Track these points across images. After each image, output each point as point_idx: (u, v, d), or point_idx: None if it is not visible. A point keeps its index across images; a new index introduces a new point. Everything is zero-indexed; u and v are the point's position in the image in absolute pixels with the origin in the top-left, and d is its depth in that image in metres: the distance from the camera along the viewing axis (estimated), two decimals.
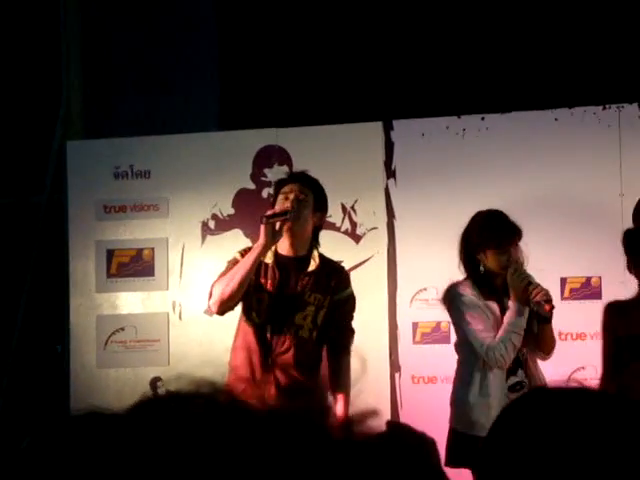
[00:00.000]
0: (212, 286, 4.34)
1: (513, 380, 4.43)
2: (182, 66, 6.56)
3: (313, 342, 4.41)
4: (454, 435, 4.44)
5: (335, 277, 4.45)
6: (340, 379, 4.45)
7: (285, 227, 4.31)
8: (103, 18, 6.68)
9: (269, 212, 4.37)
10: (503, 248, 4.38)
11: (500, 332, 4.35)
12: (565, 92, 5.78)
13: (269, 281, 4.36)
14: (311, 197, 4.42)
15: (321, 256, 4.46)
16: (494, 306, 4.44)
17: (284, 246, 4.40)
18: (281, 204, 4.35)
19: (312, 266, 4.39)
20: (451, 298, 4.50)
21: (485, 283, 4.45)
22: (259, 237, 4.34)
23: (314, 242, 4.46)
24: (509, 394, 4.35)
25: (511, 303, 4.38)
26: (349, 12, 6.38)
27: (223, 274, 4.37)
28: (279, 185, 4.49)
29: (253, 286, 4.35)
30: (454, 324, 4.58)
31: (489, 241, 4.38)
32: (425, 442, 1.59)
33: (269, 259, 4.36)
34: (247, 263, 4.27)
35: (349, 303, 4.52)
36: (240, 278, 4.26)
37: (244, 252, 4.39)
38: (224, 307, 4.31)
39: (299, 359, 4.36)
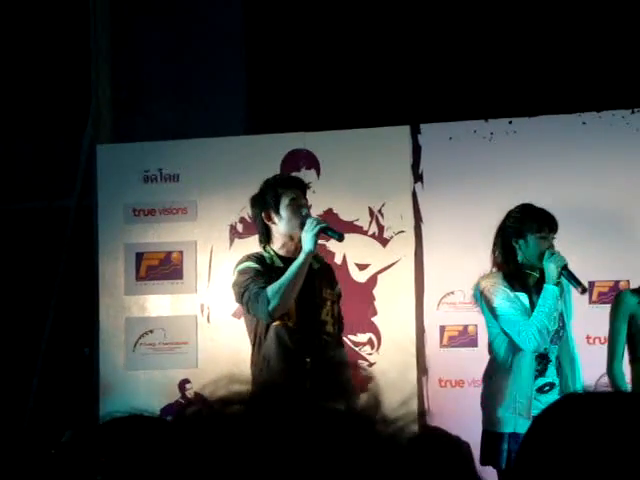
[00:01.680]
0: (265, 292, 4.34)
1: (542, 381, 4.42)
2: (210, 70, 6.60)
3: (337, 335, 4.56)
4: (485, 435, 4.45)
5: (332, 272, 4.64)
6: None
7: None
8: (133, 22, 6.72)
9: (327, 225, 4.47)
10: (546, 232, 4.44)
11: (533, 314, 4.38)
12: (593, 96, 5.76)
13: None
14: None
15: (318, 255, 4.62)
16: (524, 298, 4.46)
17: (287, 249, 4.47)
18: (294, 210, 4.43)
19: (317, 264, 4.52)
20: (481, 291, 4.52)
21: (516, 276, 4.47)
22: (304, 240, 4.37)
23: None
24: (537, 395, 4.35)
25: (545, 285, 4.40)
26: (377, 16, 6.39)
27: (248, 282, 4.39)
28: (280, 185, 4.52)
29: None
30: (486, 317, 4.58)
31: (533, 223, 4.44)
32: (460, 445, 1.60)
33: (280, 263, 4.44)
34: (302, 269, 4.34)
35: (341, 296, 4.69)
36: (298, 285, 4.34)
37: (256, 259, 4.43)
38: (281, 313, 4.38)
39: (332, 354, 4.45)
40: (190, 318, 5.71)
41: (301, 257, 4.33)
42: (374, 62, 6.36)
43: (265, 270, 4.41)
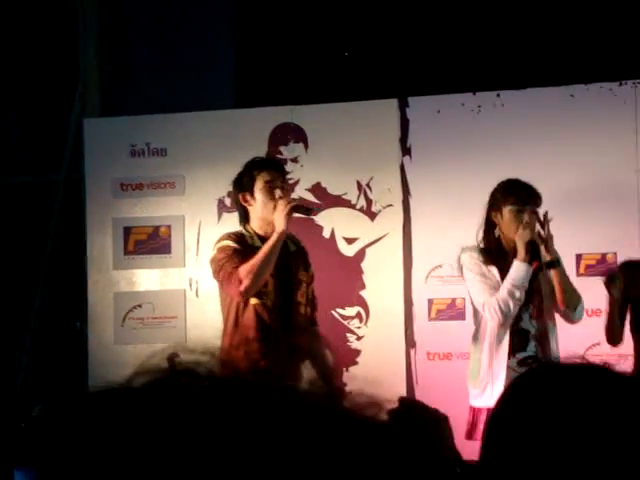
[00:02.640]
0: (237, 273, 4.37)
1: (522, 355, 4.44)
2: (198, 43, 6.56)
3: (311, 315, 4.60)
4: (470, 409, 4.49)
5: (306, 254, 4.66)
6: None
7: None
8: None
9: (296, 203, 4.53)
10: (522, 205, 4.40)
11: (500, 288, 4.40)
12: (581, 68, 5.75)
13: None
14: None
15: (294, 237, 4.65)
16: (495, 271, 4.48)
17: (264, 230, 4.50)
18: (268, 193, 4.45)
19: (293, 246, 4.56)
20: (460, 264, 4.57)
21: (490, 250, 4.47)
22: (275, 221, 4.38)
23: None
24: (518, 368, 4.38)
25: (515, 260, 4.40)
26: None
27: (224, 260, 4.42)
28: (255, 167, 4.54)
29: None
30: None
31: (508, 196, 4.43)
32: (438, 418, 1.61)
33: (259, 243, 4.47)
34: (274, 249, 4.38)
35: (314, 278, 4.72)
36: (271, 264, 4.38)
37: (236, 238, 4.45)
38: (254, 292, 4.41)
39: (302, 335, 4.52)
40: (179, 292, 5.72)
41: (273, 237, 4.38)
42: (362, 35, 6.33)
43: (243, 249, 4.44)
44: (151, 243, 5.76)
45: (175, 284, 5.73)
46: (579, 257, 5.34)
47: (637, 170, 5.32)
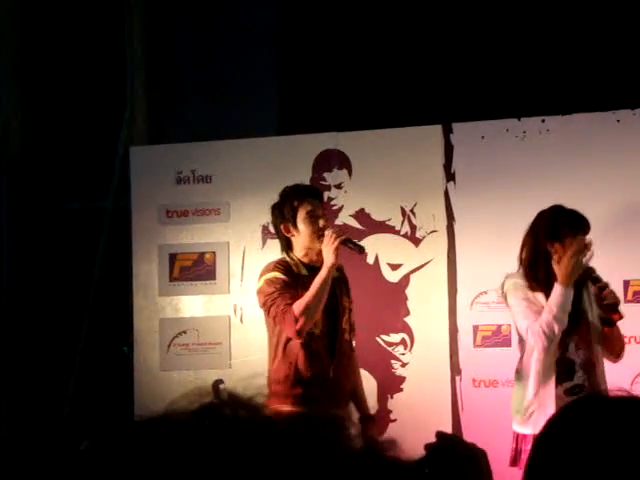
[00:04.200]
0: (292, 311, 4.35)
1: (569, 384, 4.40)
2: (243, 71, 6.62)
3: (350, 343, 4.60)
4: (514, 435, 4.46)
5: (347, 280, 4.66)
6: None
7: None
8: (167, 24, 6.76)
9: (345, 237, 4.48)
10: (582, 234, 4.41)
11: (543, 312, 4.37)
12: (627, 93, 5.70)
13: None
14: None
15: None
16: (541, 298, 4.45)
17: (310, 258, 4.49)
18: (311, 223, 4.46)
19: (336, 273, 4.53)
20: (505, 291, 4.55)
21: (539, 277, 4.44)
22: (325, 254, 4.37)
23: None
24: (565, 397, 4.33)
25: (557, 285, 4.36)
26: (410, 15, 6.38)
27: (275, 295, 4.42)
28: (294, 197, 4.53)
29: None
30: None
31: (567, 225, 4.40)
32: (475, 453, 1.59)
33: (305, 271, 4.46)
34: (325, 284, 4.36)
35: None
36: (323, 299, 4.37)
37: (283, 268, 4.43)
38: (309, 329, 4.41)
39: (349, 362, 4.54)
40: (223, 319, 5.74)
41: (323, 272, 4.36)
42: (406, 61, 6.34)
43: (292, 280, 4.43)
44: (196, 270, 5.79)
45: (220, 310, 5.76)
46: (627, 283, 5.28)
47: None
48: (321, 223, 4.47)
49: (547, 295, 4.43)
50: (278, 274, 4.44)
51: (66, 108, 6.93)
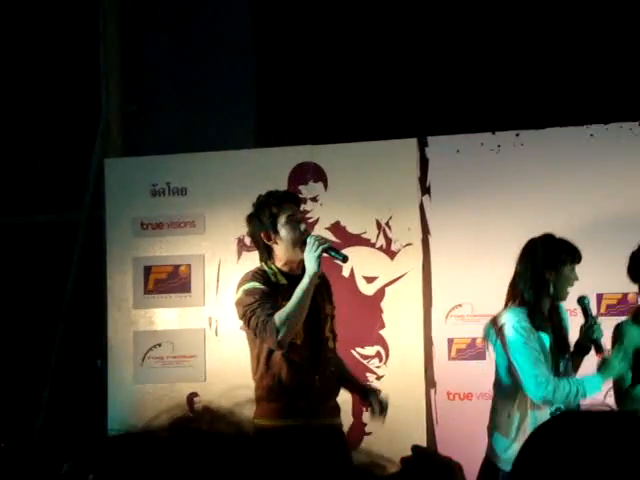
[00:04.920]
0: (273, 322, 4.23)
1: (551, 409, 4.36)
2: (219, 83, 6.62)
3: (335, 349, 4.52)
4: (487, 465, 4.40)
5: (330, 286, 4.55)
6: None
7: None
8: (141, 35, 6.76)
9: (328, 245, 4.34)
10: (577, 262, 4.40)
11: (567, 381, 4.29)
12: (600, 108, 5.76)
13: None
14: None
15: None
16: (545, 339, 4.36)
17: (290, 266, 4.38)
18: (292, 228, 4.35)
19: (318, 279, 4.37)
20: (500, 326, 4.36)
21: (541, 313, 4.38)
22: (307, 262, 4.26)
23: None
24: None
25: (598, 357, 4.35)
26: (385, 30, 6.40)
27: (255, 306, 4.31)
28: (273, 203, 4.43)
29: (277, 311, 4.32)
30: (498, 357, 4.44)
31: (567, 255, 4.37)
32: (451, 466, 1.60)
33: (284, 280, 4.35)
34: (308, 293, 4.25)
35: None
36: (305, 309, 4.26)
37: (261, 278, 4.34)
38: (290, 340, 4.31)
39: (333, 368, 4.45)
40: (198, 331, 5.72)
41: (305, 281, 4.22)
42: (381, 75, 6.37)
43: (271, 290, 4.33)
44: (171, 282, 5.77)
45: (194, 323, 5.74)
46: (600, 297, 5.32)
47: None
48: (302, 227, 4.37)
49: (551, 334, 4.36)
50: (257, 284, 4.34)
51: (40, 119, 6.90)
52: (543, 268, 4.36)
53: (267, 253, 4.43)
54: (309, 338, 4.35)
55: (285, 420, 4.25)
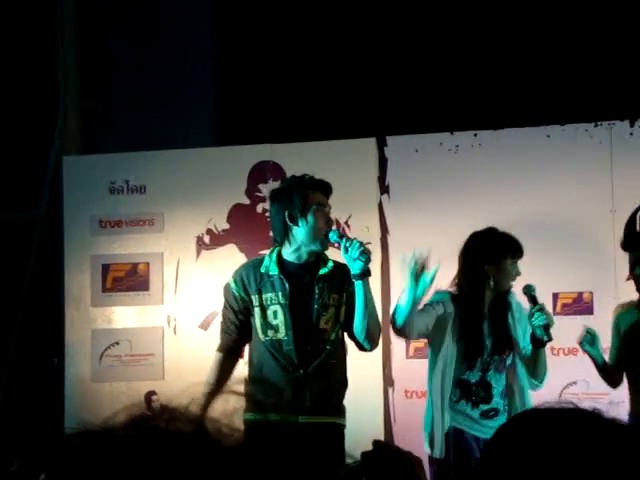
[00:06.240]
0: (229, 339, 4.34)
1: (485, 407, 4.43)
2: (178, 81, 6.60)
3: (340, 339, 4.36)
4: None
5: (342, 274, 4.31)
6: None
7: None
8: (100, 33, 6.72)
9: (368, 251, 4.27)
10: (518, 257, 4.45)
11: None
12: (557, 109, 5.82)
13: (279, 293, 4.27)
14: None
15: (331, 258, 4.40)
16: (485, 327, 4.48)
17: (299, 254, 4.28)
18: (320, 216, 4.26)
19: (325, 268, 4.30)
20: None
21: (471, 301, 4.48)
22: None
23: (324, 243, 4.31)
24: (482, 420, 4.39)
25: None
26: (343, 28, 6.43)
27: (224, 306, 4.37)
28: (313, 186, 4.33)
29: (261, 304, 4.28)
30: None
31: (507, 249, 4.43)
32: (411, 461, 1.61)
33: (274, 270, 4.27)
34: (367, 297, 4.28)
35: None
36: (372, 308, 4.34)
37: (240, 278, 4.32)
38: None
39: (333, 361, 4.32)
40: (156, 329, 5.71)
41: (360, 287, 4.20)
42: (340, 75, 6.39)
43: (241, 295, 4.29)
44: (129, 280, 5.75)
45: (153, 321, 5.72)
46: (556, 296, 5.37)
47: (612, 210, 5.37)
48: (330, 223, 4.28)
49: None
50: (232, 283, 4.34)
51: None
52: (483, 261, 4.42)
53: (284, 234, 4.27)
54: (295, 332, 4.24)
55: (265, 415, 4.15)
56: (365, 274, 4.26)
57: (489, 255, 4.44)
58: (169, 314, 5.70)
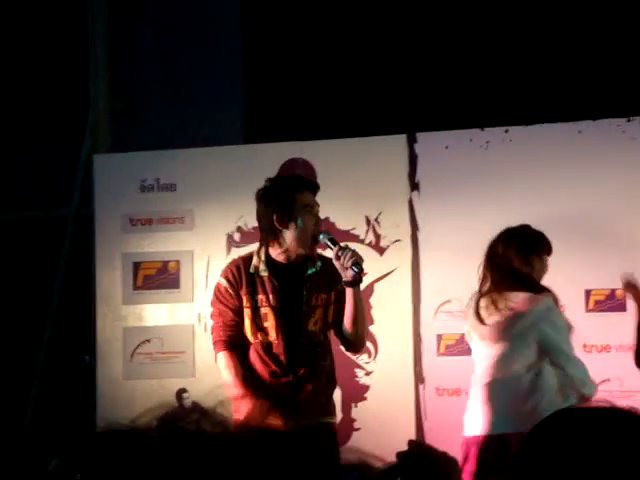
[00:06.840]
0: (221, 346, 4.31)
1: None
2: (209, 80, 6.61)
3: (326, 339, 4.33)
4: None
5: (330, 274, 4.25)
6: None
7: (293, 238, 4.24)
8: (131, 32, 6.74)
9: (358, 258, 4.19)
10: (548, 254, 4.54)
11: None
12: (589, 104, 5.77)
13: (270, 295, 4.24)
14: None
15: (319, 256, 4.33)
16: None
17: (287, 255, 4.24)
18: (309, 217, 4.20)
19: (313, 268, 4.24)
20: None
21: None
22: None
23: (313, 245, 4.26)
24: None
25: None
26: (375, 26, 6.41)
27: (215, 305, 4.37)
28: (299, 186, 4.28)
29: (251, 306, 4.24)
30: None
31: (539, 246, 4.52)
32: (447, 461, 1.60)
33: (264, 272, 4.22)
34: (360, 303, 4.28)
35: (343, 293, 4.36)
36: (363, 313, 4.41)
37: (232, 275, 4.26)
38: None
39: (322, 362, 4.31)
40: (187, 327, 5.72)
41: (349, 293, 4.18)
42: (371, 71, 6.37)
43: (234, 293, 4.25)
44: (160, 278, 5.77)
45: (184, 319, 5.74)
46: (588, 293, 5.33)
47: None
48: (320, 223, 4.26)
49: None
50: (222, 280, 4.30)
51: (29, 115, 6.88)
52: (527, 255, 4.46)
53: (273, 236, 4.22)
54: (284, 334, 4.21)
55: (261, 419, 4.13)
56: (356, 283, 4.20)
57: (523, 249, 4.47)
58: (200, 312, 5.71)
